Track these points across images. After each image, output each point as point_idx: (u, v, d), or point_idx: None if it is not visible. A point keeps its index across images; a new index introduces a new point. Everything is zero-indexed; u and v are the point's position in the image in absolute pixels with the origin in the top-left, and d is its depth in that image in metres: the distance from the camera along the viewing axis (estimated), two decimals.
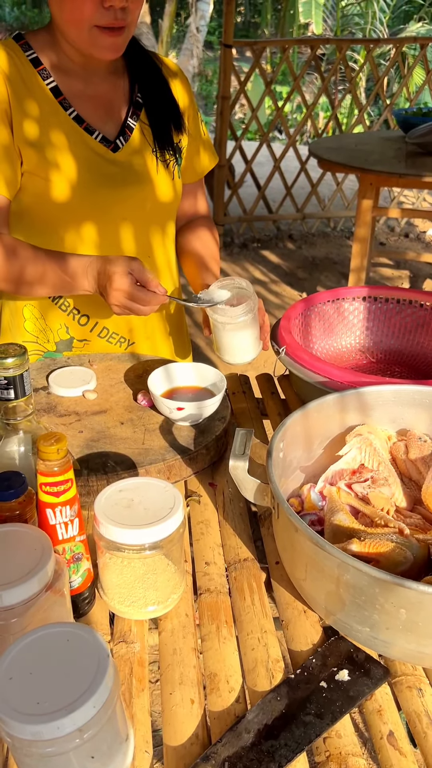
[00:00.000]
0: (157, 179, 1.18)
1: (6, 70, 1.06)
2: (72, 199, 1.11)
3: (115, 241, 1.17)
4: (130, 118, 1.16)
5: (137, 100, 1.17)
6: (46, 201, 1.11)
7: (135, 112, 1.17)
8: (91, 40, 1.04)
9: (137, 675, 0.70)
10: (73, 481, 0.71)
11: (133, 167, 1.16)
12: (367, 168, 2.93)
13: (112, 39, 1.03)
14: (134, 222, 1.18)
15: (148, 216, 1.20)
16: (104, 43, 1.04)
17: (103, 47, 1.04)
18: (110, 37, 1.03)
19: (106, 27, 1.02)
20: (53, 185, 1.10)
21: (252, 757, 0.62)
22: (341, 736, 0.65)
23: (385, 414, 0.95)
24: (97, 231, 1.15)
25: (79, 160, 1.11)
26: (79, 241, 1.15)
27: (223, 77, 4.17)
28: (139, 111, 1.17)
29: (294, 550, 0.73)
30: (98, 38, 1.03)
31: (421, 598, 0.62)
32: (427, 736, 0.65)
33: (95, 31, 1.02)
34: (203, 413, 1.01)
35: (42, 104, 1.09)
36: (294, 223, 4.96)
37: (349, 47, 5.64)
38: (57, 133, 1.10)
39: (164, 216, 1.23)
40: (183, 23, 12.69)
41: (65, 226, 1.14)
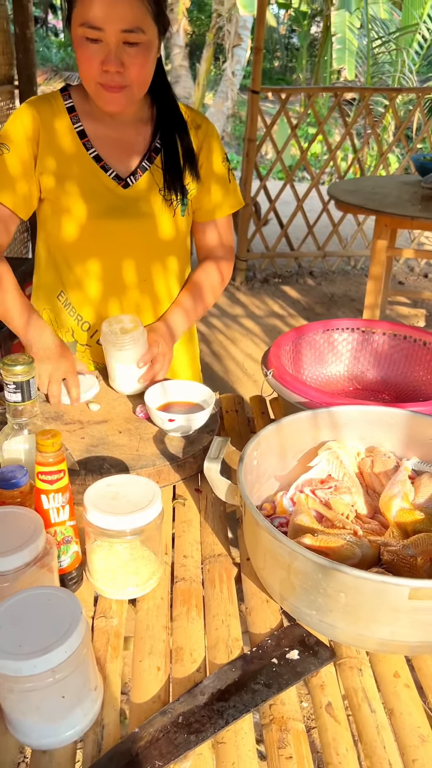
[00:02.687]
0: (159, 216, 1.31)
1: (41, 115, 1.24)
2: (81, 225, 1.28)
3: (116, 266, 1.32)
4: (146, 161, 1.30)
5: (156, 145, 1.31)
6: (59, 225, 1.29)
7: (152, 156, 1.30)
8: (97, 95, 1.18)
9: (113, 644, 0.81)
10: (65, 472, 0.82)
11: (138, 203, 1.29)
12: (381, 210, 3.06)
13: (112, 95, 1.17)
14: (134, 251, 1.33)
15: (148, 247, 1.33)
16: (106, 98, 1.18)
17: (106, 102, 1.18)
18: (109, 93, 1.17)
19: (108, 86, 1.16)
20: (66, 212, 1.27)
21: (203, 714, 0.71)
22: (285, 704, 0.74)
23: (355, 432, 1.05)
24: (101, 256, 1.31)
25: (91, 191, 1.27)
26: (86, 262, 1.32)
27: (249, 121, 4.38)
28: (156, 155, 1.31)
29: (256, 542, 0.83)
30: (101, 94, 1.17)
31: (357, 582, 0.72)
32: (361, 707, 0.74)
33: (99, 87, 1.16)
34: (192, 425, 1.12)
35: (67, 143, 1.26)
36: (315, 261, 5.11)
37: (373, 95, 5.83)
38: (75, 168, 1.26)
39: (164, 249, 1.35)
40: (220, 67, 13.16)
41: (76, 248, 1.30)
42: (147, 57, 1.16)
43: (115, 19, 1.09)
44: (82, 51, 1.13)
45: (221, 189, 1.38)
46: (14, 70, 4.09)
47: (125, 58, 1.13)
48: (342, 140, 4.76)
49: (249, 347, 3.90)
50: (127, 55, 1.13)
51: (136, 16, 1.10)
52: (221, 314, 4.38)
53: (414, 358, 1.36)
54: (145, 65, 1.17)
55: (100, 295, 1.35)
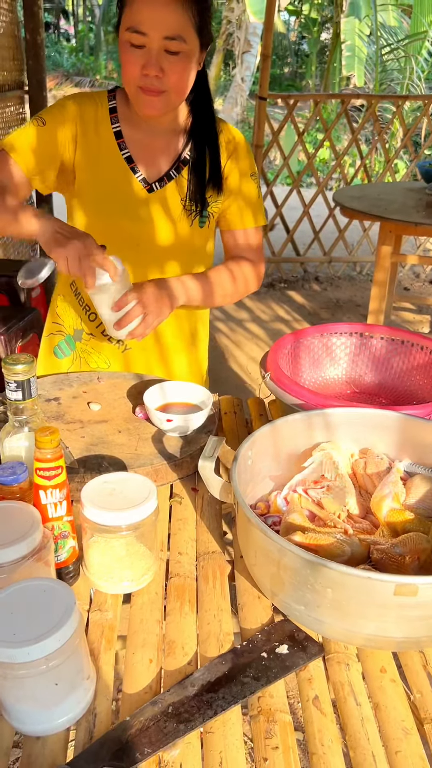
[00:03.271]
0: (177, 224, 1.37)
1: (81, 110, 1.31)
2: (102, 220, 1.34)
3: (129, 264, 1.33)
4: (174, 170, 1.36)
5: (186, 156, 1.36)
6: (82, 216, 1.35)
7: (180, 167, 1.36)
8: (136, 98, 1.24)
9: (107, 636, 0.83)
10: (63, 468, 0.84)
11: (159, 209, 1.36)
12: (386, 216, 3.08)
13: (150, 98, 1.22)
14: (148, 253, 1.37)
15: (162, 251, 1.38)
16: (144, 101, 1.23)
17: (144, 105, 1.24)
18: (148, 96, 1.22)
19: (147, 90, 1.22)
20: (91, 204, 1.34)
21: (193, 705, 0.73)
22: (273, 696, 0.76)
23: (349, 434, 1.07)
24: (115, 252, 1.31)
25: (118, 190, 1.34)
26: None
27: (257, 127, 4.41)
28: (184, 166, 1.37)
29: (248, 539, 0.85)
30: (140, 97, 1.23)
31: (343, 578, 0.74)
32: (347, 700, 0.75)
33: (139, 91, 1.22)
34: (190, 426, 1.15)
35: (104, 141, 1.33)
36: (321, 266, 5.13)
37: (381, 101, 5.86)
38: (107, 165, 1.33)
39: (177, 255, 1.40)
40: (230, 73, 13.22)
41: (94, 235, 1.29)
42: (186, 66, 1.21)
43: (159, 25, 1.15)
44: (127, 55, 1.19)
45: (245, 201, 1.42)
46: (24, 76, 4.14)
47: (165, 65, 1.19)
48: (349, 146, 4.79)
49: (253, 351, 3.92)
50: (168, 62, 1.19)
51: (179, 24, 1.16)
52: (226, 318, 4.41)
53: (411, 363, 1.37)
54: (184, 74, 1.22)
55: None
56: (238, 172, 1.39)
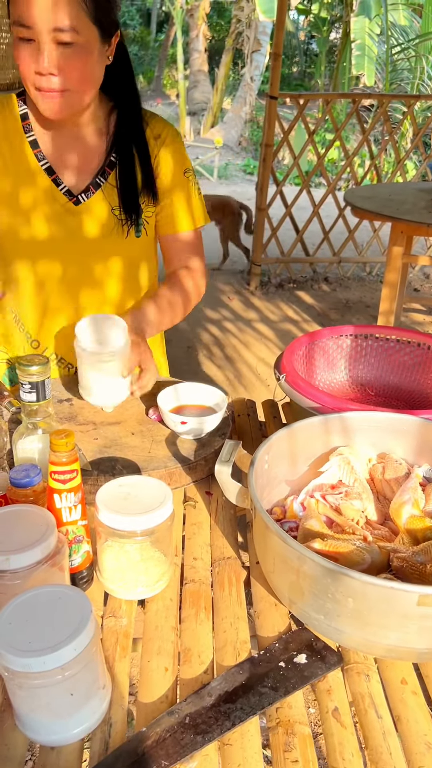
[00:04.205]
0: (111, 237, 1.26)
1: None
2: (27, 242, 1.23)
3: (65, 287, 1.29)
4: (100, 176, 1.24)
5: (111, 159, 1.24)
6: (8, 236, 1.23)
7: (106, 172, 1.24)
8: (36, 100, 1.11)
9: (121, 644, 0.81)
10: (78, 472, 0.83)
11: (89, 222, 1.25)
12: (397, 217, 3.06)
13: (48, 100, 1.10)
14: (84, 273, 1.29)
15: (98, 269, 1.29)
16: (43, 103, 1.10)
17: (44, 108, 1.11)
18: (45, 98, 1.10)
19: (43, 90, 1.09)
20: (12, 226, 1.22)
21: (210, 715, 0.72)
22: (292, 707, 0.74)
23: (366, 438, 1.05)
24: (47, 275, 1.27)
25: (41, 207, 1.22)
26: (32, 280, 1.28)
27: (267, 126, 4.39)
28: (111, 170, 1.24)
29: (266, 545, 0.83)
30: (38, 98, 1.10)
31: (365, 588, 0.72)
32: (367, 713, 0.74)
33: (36, 92, 1.10)
34: (204, 428, 1.13)
35: (19, 153, 1.20)
36: (330, 267, 5.10)
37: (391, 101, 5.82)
38: (25, 180, 1.21)
39: (116, 270, 1.30)
40: (239, 72, 13.20)
41: (22, 266, 1.26)
42: (86, 60, 1.08)
43: (45, 16, 1.03)
44: (17, 51, 1.07)
45: (180, 202, 1.31)
46: None
47: (61, 61, 1.06)
48: (359, 146, 4.76)
49: (262, 352, 3.90)
50: (63, 57, 1.06)
51: (67, 14, 1.04)
52: (235, 318, 4.39)
53: (427, 365, 1.35)
54: (85, 68, 1.09)
55: (48, 315, 1.32)
56: (170, 170, 1.28)
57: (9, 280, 1.29)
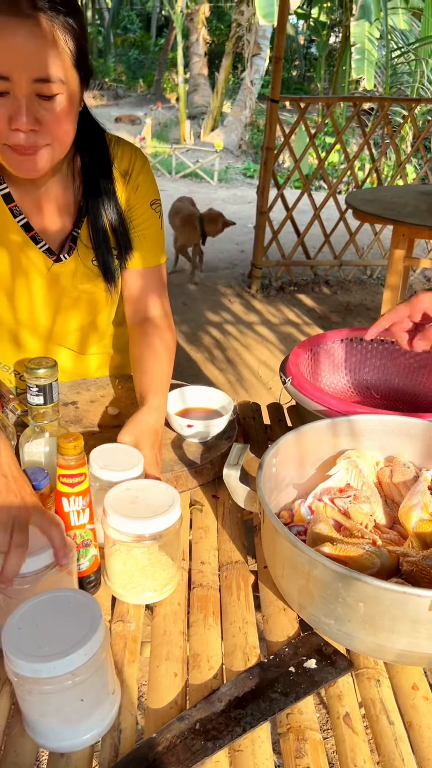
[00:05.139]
0: (96, 291, 1.21)
1: None
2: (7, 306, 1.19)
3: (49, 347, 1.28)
4: (76, 229, 1.16)
5: (81, 205, 1.15)
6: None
7: (80, 221, 1.16)
8: (7, 160, 0.99)
9: (130, 648, 0.81)
10: (86, 476, 0.82)
11: (69, 278, 1.18)
12: (399, 220, 3.05)
13: (22, 159, 0.97)
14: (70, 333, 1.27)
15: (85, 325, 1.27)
16: (15, 162, 0.98)
17: (18, 168, 0.99)
18: (20, 156, 0.97)
19: (18, 150, 0.97)
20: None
21: (221, 721, 0.71)
22: (302, 713, 0.73)
23: (374, 441, 1.04)
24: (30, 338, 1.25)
25: (19, 269, 1.15)
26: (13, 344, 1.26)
27: (268, 129, 4.39)
28: (84, 218, 1.16)
29: (275, 550, 0.83)
30: (10, 157, 0.98)
31: (377, 592, 0.71)
32: (379, 719, 0.73)
33: (8, 150, 0.97)
34: (210, 432, 1.13)
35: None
36: (331, 270, 5.10)
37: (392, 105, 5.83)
38: (3, 239, 1.12)
39: (102, 322, 1.28)
40: (238, 76, 13.23)
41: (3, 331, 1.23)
42: (68, 111, 0.97)
43: (25, 65, 0.89)
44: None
45: (147, 237, 1.22)
46: None
47: (40, 114, 0.94)
48: (360, 150, 4.76)
49: (264, 354, 3.90)
50: (43, 110, 0.94)
51: (52, 62, 0.91)
52: (236, 321, 4.39)
53: (430, 368, 1.35)
54: (67, 120, 0.98)
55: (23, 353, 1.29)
56: (140, 203, 1.19)
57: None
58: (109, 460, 0.94)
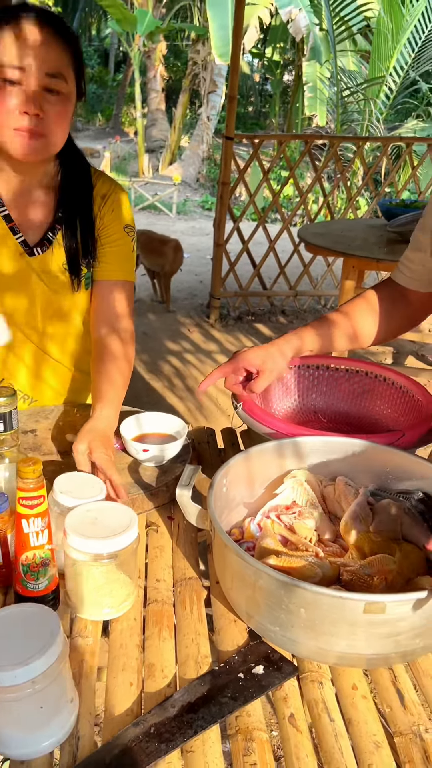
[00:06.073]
0: (61, 290, 1.34)
1: None
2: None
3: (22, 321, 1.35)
4: (51, 232, 1.30)
5: (60, 215, 1.30)
6: None
7: (56, 228, 1.30)
8: (11, 142, 1.13)
9: (88, 662, 0.85)
10: (44, 498, 0.87)
11: (41, 275, 1.31)
12: (348, 252, 3.20)
13: (30, 141, 1.13)
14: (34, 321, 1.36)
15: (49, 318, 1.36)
16: (22, 143, 1.13)
17: (22, 147, 1.14)
18: (26, 138, 1.13)
19: (24, 131, 1.12)
20: None
21: (174, 725, 0.76)
22: (250, 715, 0.79)
23: (318, 461, 1.12)
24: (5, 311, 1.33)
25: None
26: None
27: (224, 165, 4.54)
28: (61, 227, 1.30)
29: (224, 563, 0.89)
30: (16, 140, 1.13)
31: (316, 598, 0.78)
32: (321, 717, 0.79)
33: (14, 133, 1.12)
34: (165, 455, 1.18)
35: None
36: (287, 300, 5.25)
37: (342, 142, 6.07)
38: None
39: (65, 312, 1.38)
40: (196, 112, 13.55)
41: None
42: (67, 110, 1.15)
43: (39, 59, 1.09)
44: None
45: (118, 255, 1.35)
46: None
47: (45, 106, 1.12)
48: (312, 185, 4.96)
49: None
50: (48, 102, 1.12)
51: (61, 61, 1.11)
52: (196, 350, 4.47)
53: (374, 393, 1.44)
54: (65, 118, 1.16)
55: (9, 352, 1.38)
56: (113, 225, 1.34)
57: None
58: (72, 487, 0.99)
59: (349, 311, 1.28)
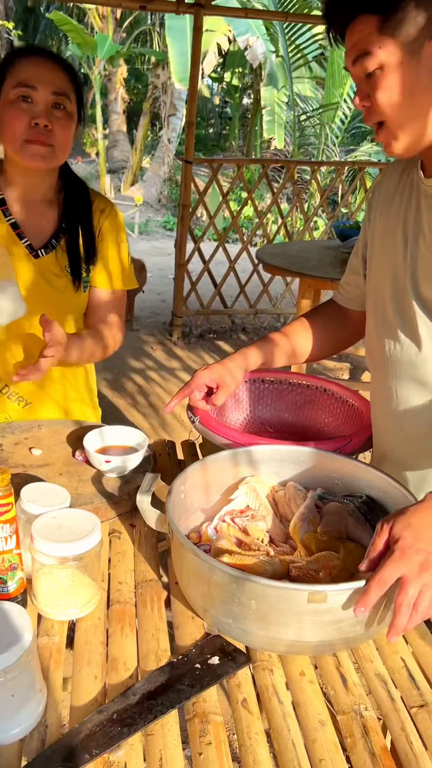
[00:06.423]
0: (64, 290, 1.49)
1: None
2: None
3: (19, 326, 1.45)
4: (54, 239, 1.48)
5: (63, 226, 1.49)
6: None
7: (59, 235, 1.49)
8: (23, 151, 1.33)
9: (55, 658, 0.91)
10: (12, 505, 0.93)
11: (46, 274, 1.47)
12: (304, 272, 3.32)
13: (39, 148, 1.32)
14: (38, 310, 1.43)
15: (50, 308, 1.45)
16: (33, 151, 1.32)
17: (34, 156, 1.33)
18: (37, 146, 1.32)
19: (35, 140, 1.32)
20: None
21: (135, 711, 0.82)
22: (206, 701, 0.85)
23: (270, 468, 1.20)
24: None
25: None
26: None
27: (183, 188, 4.66)
28: (63, 235, 1.48)
29: (182, 562, 0.96)
30: (27, 149, 1.32)
31: (264, 590, 0.85)
32: (271, 700, 0.86)
33: (26, 143, 1.32)
34: (127, 466, 1.25)
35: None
36: (247, 318, 5.37)
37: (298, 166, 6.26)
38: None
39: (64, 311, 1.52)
40: (156, 134, 13.73)
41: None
42: (70, 125, 1.36)
43: (48, 81, 1.31)
44: (15, 110, 1.30)
45: (114, 264, 1.55)
46: None
47: (53, 120, 1.32)
48: (270, 207, 5.10)
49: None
50: (54, 117, 1.33)
51: (64, 83, 1.34)
52: (159, 368, 4.53)
53: (317, 403, 1.54)
54: (68, 131, 1.36)
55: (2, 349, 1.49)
56: (110, 237, 1.53)
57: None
58: (37, 496, 1.05)
59: (288, 332, 1.40)
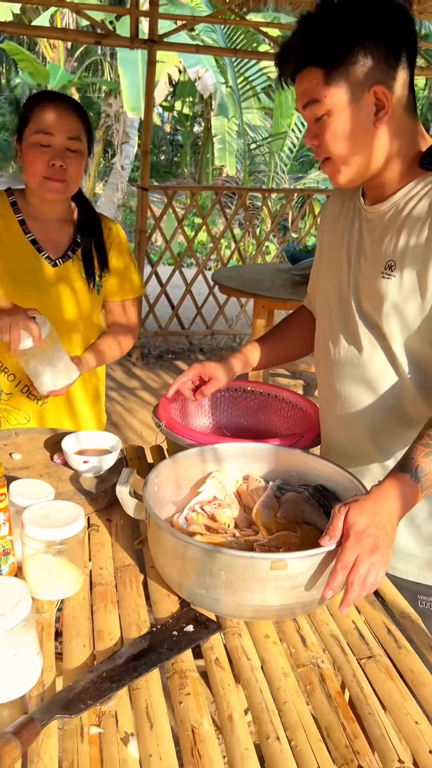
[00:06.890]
0: (79, 293, 1.72)
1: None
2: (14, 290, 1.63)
3: None
4: (70, 251, 1.72)
5: (77, 240, 1.73)
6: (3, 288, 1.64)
7: (74, 248, 1.73)
8: (41, 187, 1.58)
9: (47, 631, 1.01)
10: (6, 495, 1.04)
11: (64, 281, 1.70)
12: (258, 293, 3.50)
13: (55, 184, 1.58)
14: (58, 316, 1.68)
15: (67, 316, 1.71)
16: (50, 187, 1.58)
17: (50, 190, 1.59)
18: (54, 182, 1.58)
19: (52, 178, 1.57)
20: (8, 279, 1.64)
21: (122, 670, 0.94)
22: (184, 661, 0.97)
23: (233, 463, 1.33)
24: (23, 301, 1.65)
25: (28, 266, 1.67)
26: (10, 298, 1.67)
27: (140, 214, 4.81)
28: (78, 248, 1.73)
29: (158, 543, 1.08)
30: (45, 185, 1.58)
31: (232, 560, 0.98)
32: (240, 658, 0.98)
33: (44, 180, 1.57)
34: (103, 466, 1.37)
35: (11, 229, 1.67)
36: (204, 338, 5.53)
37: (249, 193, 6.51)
38: (16, 247, 1.67)
39: (79, 318, 1.74)
40: (110, 161, 13.93)
41: None
42: (82, 163, 1.61)
43: (63, 127, 1.55)
44: (35, 153, 1.55)
45: (124, 279, 1.81)
46: None
47: (66, 160, 1.56)
48: (223, 232, 5.30)
49: (146, 418, 4.15)
50: (68, 158, 1.57)
51: (77, 128, 1.58)
52: (119, 387, 4.63)
53: (269, 408, 1.69)
54: (79, 168, 1.61)
55: None
56: (118, 253, 1.78)
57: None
58: (25, 491, 1.17)
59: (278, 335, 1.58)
